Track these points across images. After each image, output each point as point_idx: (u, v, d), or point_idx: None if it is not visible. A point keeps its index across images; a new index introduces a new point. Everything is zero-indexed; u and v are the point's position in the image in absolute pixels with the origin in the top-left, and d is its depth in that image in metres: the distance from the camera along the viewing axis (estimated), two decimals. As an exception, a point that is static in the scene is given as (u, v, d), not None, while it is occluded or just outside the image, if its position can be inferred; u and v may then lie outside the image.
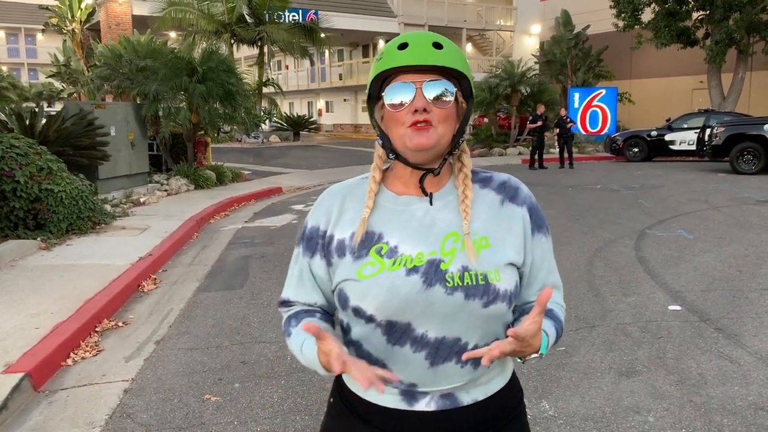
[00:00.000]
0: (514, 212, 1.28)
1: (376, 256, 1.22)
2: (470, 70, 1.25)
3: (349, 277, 1.23)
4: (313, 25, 27.03)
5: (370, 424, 1.27)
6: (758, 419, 3.18)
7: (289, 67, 43.22)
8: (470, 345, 1.21)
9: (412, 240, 1.22)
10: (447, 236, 1.22)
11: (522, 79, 21.43)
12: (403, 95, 1.18)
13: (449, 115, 1.20)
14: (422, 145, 1.18)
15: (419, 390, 1.24)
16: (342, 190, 1.32)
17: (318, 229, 1.30)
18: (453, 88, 1.20)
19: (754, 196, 10.94)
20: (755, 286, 5.52)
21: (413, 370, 1.22)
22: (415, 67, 1.17)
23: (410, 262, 1.20)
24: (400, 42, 1.19)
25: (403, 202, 1.26)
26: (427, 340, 1.20)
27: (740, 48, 20.13)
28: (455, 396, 1.25)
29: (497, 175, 1.33)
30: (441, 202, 1.26)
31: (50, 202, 7.20)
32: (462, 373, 1.23)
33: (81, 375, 3.91)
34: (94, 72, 15.77)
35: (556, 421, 3.21)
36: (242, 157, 20.45)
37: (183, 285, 5.96)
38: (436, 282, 1.18)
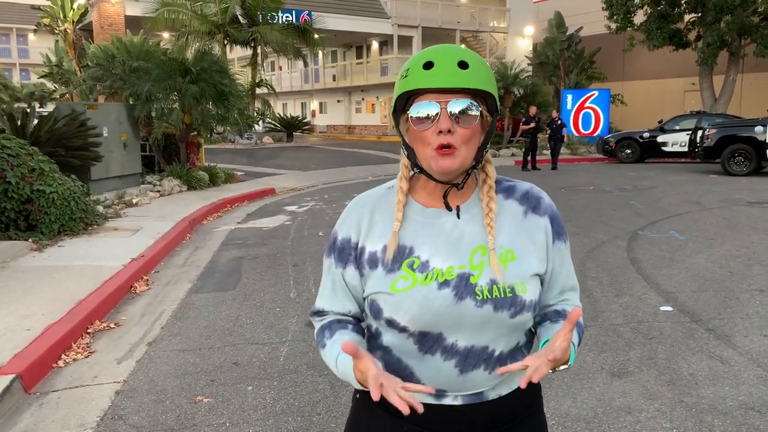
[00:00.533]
0: (537, 223, 1.31)
1: (408, 270, 1.25)
2: (496, 86, 1.25)
3: (382, 290, 1.25)
4: (307, 26, 27.02)
5: (398, 416, 1.29)
6: (749, 419, 3.20)
7: (282, 68, 43.15)
8: (497, 352, 1.26)
9: (443, 254, 1.25)
10: (475, 249, 1.25)
11: (515, 81, 21.50)
12: (428, 113, 1.19)
13: (473, 134, 1.22)
14: (447, 168, 1.21)
15: (448, 394, 1.28)
16: (370, 200, 1.34)
17: (349, 240, 1.32)
18: (478, 108, 1.20)
19: (745, 198, 11.00)
20: (746, 287, 5.55)
21: (443, 377, 1.26)
22: (441, 89, 1.18)
23: (441, 276, 1.23)
24: (426, 60, 1.19)
25: (431, 215, 1.28)
26: (457, 349, 1.24)
27: (732, 50, 20.27)
28: (482, 393, 1.29)
29: (520, 185, 1.36)
30: (468, 215, 1.28)
31: (42, 203, 7.17)
32: (489, 379, 1.27)
33: (72, 377, 3.90)
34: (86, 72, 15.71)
35: (549, 422, 3.21)
36: (235, 158, 20.40)
37: (175, 286, 5.94)
38: (467, 295, 1.22)
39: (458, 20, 35.15)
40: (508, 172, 16.30)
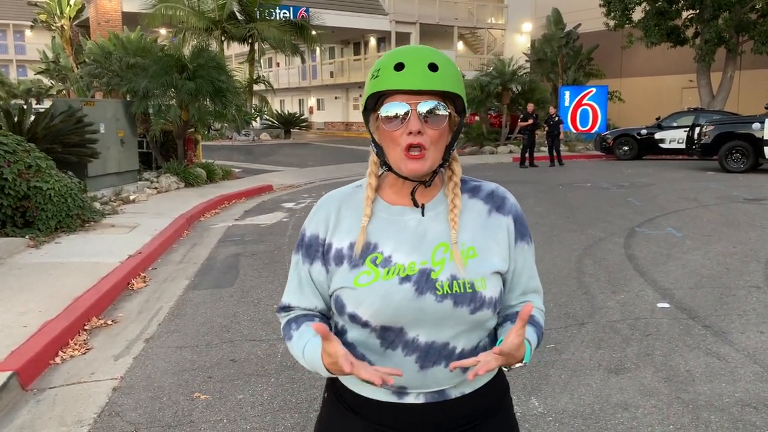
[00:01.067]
0: (500, 222, 1.33)
1: (371, 266, 1.27)
2: (463, 87, 1.27)
3: (346, 285, 1.28)
4: (304, 23, 26.99)
5: (361, 415, 1.33)
6: (745, 415, 3.21)
7: (280, 64, 43.10)
8: (458, 349, 1.27)
9: (405, 249, 1.27)
10: (437, 246, 1.27)
11: (513, 78, 21.47)
12: (398, 114, 1.21)
13: (442, 135, 1.24)
14: (417, 171, 1.24)
15: (408, 391, 1.29)
16: (338, 198, 1.36)
17: (317, 236, 1.35)
18: (446, 110, 1.23)
19: (742, 195, 11.02)
20: (743, 283, 5.56)
21: (404, 373, 1.26)
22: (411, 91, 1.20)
23: (403, 271, 1.25)
24: (397, 61, 1.21)
25: (396, 212, 1.31)
26: (418, 344, 1.26)
27: (729, 47, 20.27)
28: (444, 391, 1.30)
29: (485, 185, 1.38)
30: (432, 212, 1.30)
31: (39, 199, 7.15)
32: (451, 376, 1.28)
33: (69, 373, 3.89)
34: (83, 69, 15.67)
35: (545, 418, 3.22)
36: (233, 154, 20.38)
37: (173, 283, 5.94)
38: (427, 290, 1.24)
39: (456, 17, 35.11)
40: (506, 169, 16.31)
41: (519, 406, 3.35)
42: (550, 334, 4.42)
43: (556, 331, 4.46)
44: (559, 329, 4.51)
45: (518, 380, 3.67)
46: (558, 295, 5.33)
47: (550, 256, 6.65)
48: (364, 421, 1.33)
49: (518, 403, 3.39)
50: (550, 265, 6.30)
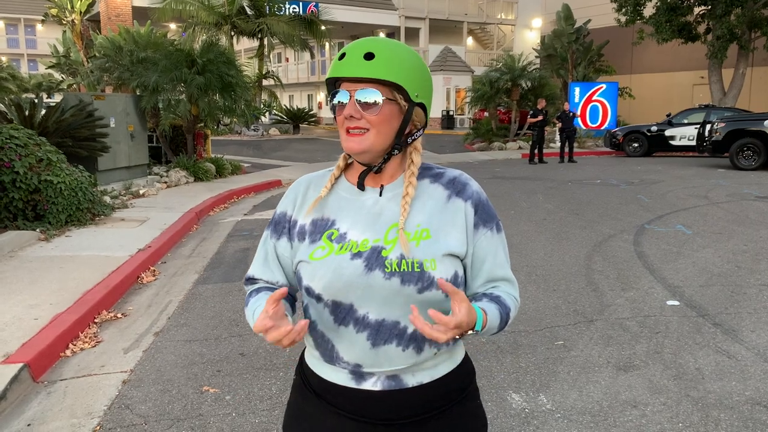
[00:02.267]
0: (458, 206, 1.36)
1: (326, 241, 1.34)
2: (412, 76, 1.30)
3: (303, 258, 1.35)
4: (314, 18, 26.98)
5: (323, 399, 1.39)
6: (755, 414, 3.19)
7: (289, 59, 43.10)
8: (410, 329, 1.30)
9: (360, 227, 1.33)
10: (391, 226, 1.32)
11: (522, 74, 21.39)
12: (341, 101, 1.30)
13: (384, 120, 1.29)
14: (353, 150, 1.30)
15: (365, 371, 1.33)
16: (308, 179, 1.46)
17: (285, 213, 1.43)
18: (381, 97, 1.27)
19: (753, 192, 10.94)
20: (753, 281, 5.53)
21: (357, 351, 1.32)
22: (350, 78, 1.28)
23: (355, 247, 1.31)
24: (342, 52, 1.30)
25: (357, 192, 1.38)
26: (368, 321, 1.30)
27: (741, 43, 20.09)
28: (401, 378, 1.34)
29: (450, 171, 1.42)
30: (391, 193, 1.36)
31: (49, 193, 7.19)
32: (404, 357, 1.31)
33: (80, 366, 3.92)
34: (93, 63, 15.73)
35: (554, 415, 3.22)
36: (242, 149, 20.42)
37: (182, 277, 5.96)
38: (376, 267, 1.29)
39: (466, 12, 35.00)
40: (515, 165, 16.27)
41: (527, 403, 3.34)
42: (559, 331, 4.41)
43: (565, 328, 4.45)
44: (567, 326, 4.50)
45: (527, 377, 3.66)
46: (567, 292, 5.31)
47: (559, 253, 6.63)
48: (324, 405, 1.38)
49: (527, 399, 3.38)
50: (559, 262, 6.28)
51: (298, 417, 1.44)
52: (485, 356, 3.95)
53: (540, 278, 5.71)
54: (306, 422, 1.42)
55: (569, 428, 3.09)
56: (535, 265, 6.16)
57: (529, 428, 3.10)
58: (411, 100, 1.31)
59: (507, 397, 3.41)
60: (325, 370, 1.38)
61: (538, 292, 5.29)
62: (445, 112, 32.51)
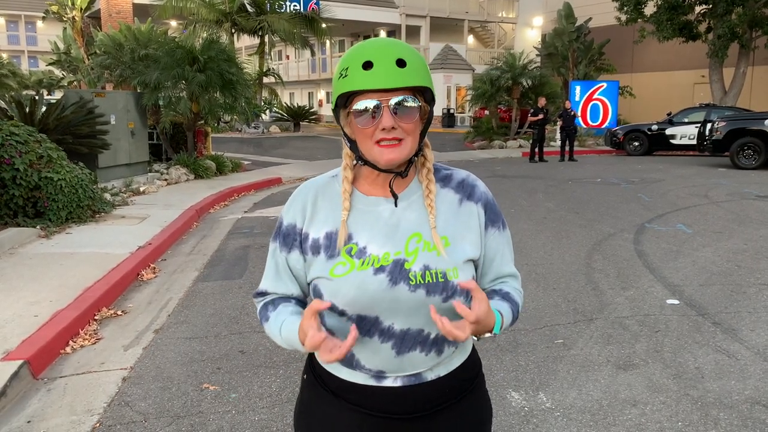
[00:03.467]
0: (471, 210, 1.37)
1: (346, 256, 1.30)
2: (431, 77, 1.29)
3: (322, 275, 1.32)
4: (314, 15, 26.94)
5: (341, 398, 1.38)
6: (754, 413, 3.20)
7: (289, 57, 43.07)
8: (432, 335, 1.32)
9: (379, 240, 1.31)
10: (411, 236, 1.31)
11: (523, 72, 21.36)
12: (371, 112, 1.22)
13: (416, 126, 1.27)
14: (394, 161, 1.26)
15: (387, 375, 1.34)
16: (314, 188, 1.39)
17: (294, 226, 1.37)
18: (417, 103, 1.25)
19: (753, 192, 10.94)
20: (753, 281, 5.53)
21: (381, 359, 1.32)
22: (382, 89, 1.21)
23: (377, 262, 1.29)
24: (364, 59, 1.21)
25: (371, 203, 1.34)
26: (393, 332, 1.30)
27: (742, 42, 20.06)
28: (420, 374, 1.35)
29: (456, 173, 1.41)
30: (405, 202, 1.34)
31: (50, 190, 7.19)
32: (426, 360, 1.34)
33: (80, 363, 3.93)
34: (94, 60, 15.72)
35: (553, 413, 3.22)
36: (242, 147, 20.41)
37: (182, 274, 5.96)
38: (401, 280, 1.28)
39: (466, 10, 34.97)
40: (516, 164, 16.26)
41: (527, 401, 3.35)
42: (559, 329, 4.41)
43: (565, 327, 4.46)
44: (567, 325, 4.50)
45: (526, 375, 3.67)
46: (567, 290, 5.31)
47: (559, 251, 6.63)
48: (342, 403, 1.37)
49: (526, 398, 3.39)
50: (559, 260, 6.28)
51: (312, 416, 1.43)
52: (485, 354, 3.95)
53: (540, 277, 5.72)
54: (321, 419, 1.41)
55: (569, 426, 3.09)
56: (535, 263, 6.16)
57: (529, 426, 3.10)
58: (431, 101, 1.30)
59: (506, 396, 3.42)
60: (342, 371, 1.37)
61: (538, 291, 5.29)
62: (446, 110, 32.48)
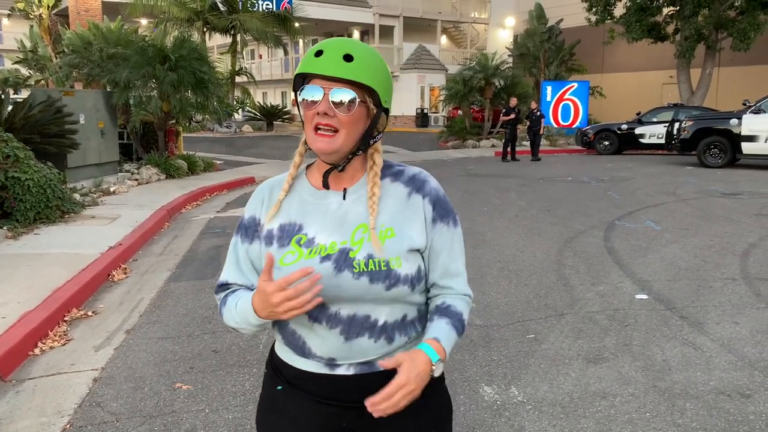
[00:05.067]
0: (417, 203, 1.41)
1: (295, 246, 1.37)
2: (384, 82, 1.34)
3: (273, 265, 1.35)
4: (287, 15, 26.83)
5: (297, 387, 1.42)
6: (719, 403, 3.28)
7: (262, 56, 42.81)
8: (380, 321, 1.36)
9: (327, 230, 1.37)
10: (357, 227, 1.36)
11: (496, 72, 21.55)
12: (313, 97, 1.30)
13: (354, 121, 1.32)
14: (322, 149, 1.32)
15: (338, 363, 1.38)
16: (271, 183, 1.48)
17: (254, 218, 1.45)
18: (356, 98, 1.30)
19: (719, 189, 11.19)
20: (719, 275, 5.66)
21: (330, 345, 1.36)
22: (326, 76, 1.29)
23: (324, 250, 1.35)
24: (318, 48, 1.30)
25: (320, 196, 1.41)
26: (340, 317, 1.35)
27: (708, 44, 20.50)
28: (372, 362, 1.39)
29: (409, 169, 1.46)
30: (354, 195, 1.40)
31: (17, 190, 7.06)
32: (376, 347, 1.37)
33: (49, 364, 3.87)
34: (62, 59, 15.45)
35: (525, 407, 3.27)
36: (214, 146, 20.24)
37: (154, 274, 5.90)
38: (345, 268, 1.33)
39: (439, 10, 35.12)
40: (488, 163, 16.38)
41: (499, 395, 3.39)
42: (530, 324, 4.47)
43: (536, 322, 4.52)
44: (539, 320, 4.56)
45: (498, 369, 3.71)
46: (538, 286, 5.38)
47: (531, 248, 6.71)
48: (298, 392, 1.41)
49: (499, 392, 3.43)
50: (531, 257, 6.35)
51: (272, 408, 1.47)
52: (458, 350, 3.99)
53: (512, 273, 5.78)
54: (279, 411, 1.45)
55: (540, 419, 3.14)
56: (507, 260, 6.23)
57: (501, 420, 3.14)
58: (380, 105, 1.34)
59: (479, 390, 3.45)
60: (298, 362, 1.41)
61: (510, 287, 5.35)
62: (420, 110, 32.61)
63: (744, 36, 19.41)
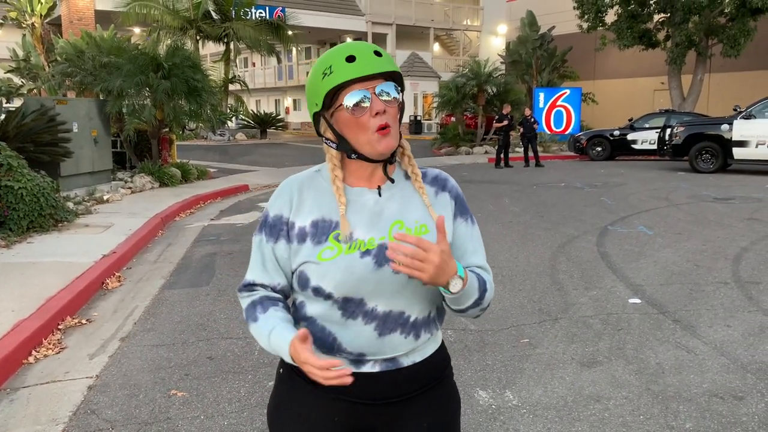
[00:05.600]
0: (445, 200, 1.48)
1: (334, 242, 1.37)
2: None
3: (310, 260, 1.37)
4: (280, 23, 26.87)
5: (318, 386, 1.38)
6: (712, 405, 3.30)
7: (255, 64, 42.86)
8: (412, 318, 1.40)
9: (365, 227, 1.38)
10: (393, 223, 1.39)
11: (488, 79, 21.64)
12: (363, 102, 1.32)
13: (397, 112, 1.38)
14: (390, 148, 1.36)
15: (367, 358, 1.40)
16: (299, 181, 1.47)
17: (281, 216, 1.43)
18: (398, 88, 1.36)
19: (711, 194, 11.26)
20: (711, 279, 5.70)
21: (363, 341, 1.38)
22: (367, 76, 1.32)
23: (363, 246, 1.36)
24: (347, 54, 1.32)
25: (356, 193, 1.42)
26: (377, 314, 1.37)
27: (699, 50, 20.66)
28: (397, 359, 1.42)
29: (431, 171, 1.53)
30: (388, 193, 1.43)
31: (10, 199, 7.04)
32: (405, 343, 1.41)
33: (43, 373, 3.86)
34: (55, 68, 15.44)
35: (520, 410, 3.28)
36: (208, 154, 20.24)
37: (148, 282, 5.90)
38: (386, 262, 1.35)
39: (432, 18, 35.26)
40: (482, 170, 16.44)
41: (494, 399, 3.40)
42: (525, 329, 4.49)
43: (531, 327, 4.53)
44: (533, 324, 4.58)
45: (493, 374, 3.72)
46: (532, 291, 5.41)
47: (525, 253, 6.74)
48: (320, 392, 1.40)
49: (494, 396, 3.44)
50: (525, 262, 6.38)
51: (289, 407, 1.46)
52: (453, 354, 3.98)
53: (506, 278, 5.80)
54: (296, 410, 1.45)
55: (535, 423, 3.16)
56: (501, 265, 6.25)
57: (496, 424, 3.15)
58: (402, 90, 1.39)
59: (474, 394, 3.47)
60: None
61: (504, 292, 5.37)
62: (413, 117, 32.68)
63: (734, 42, 19.58)
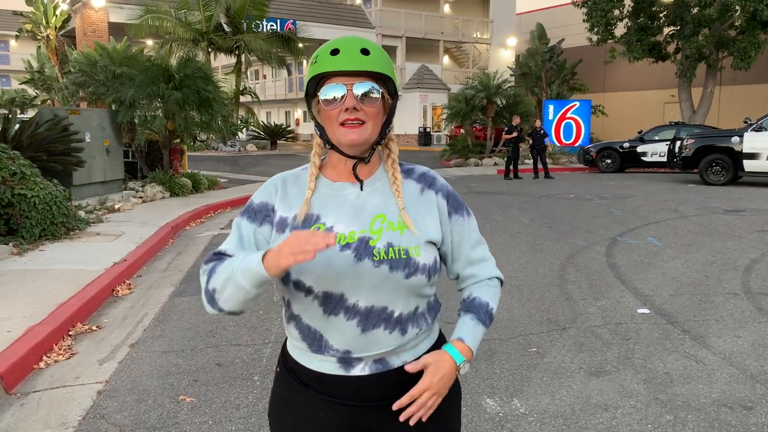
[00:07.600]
0: (431, 198, 1.47)
1: None
2: (394, 71, 1.41)
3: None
4: (291, 35, 27.07)
5: (311, 388, 1.43)
6: (721, 415, 3.29)
7: (266, 76, 43.18)
8: (396, 313, 1.38)
9: (346, 220, 1.39)
10: (375, 217, 1.39)
11: (497, 91, 21.68)
12: (336, 95, 1.33)
13: (377, 112, 1.37)
14: (354, 141, 1.35)
15: (354, 356, 1.39)
16: (282, 176, 1.50)
17: (266, 203, 1.45)
18: (379, 89, 1.36)
19: (721, 206, 11.21)
20: (721, 290, 5.67)
21: (347, 337, 1.37)
22: (346, 71, 1.33)
23: (344, 239, 1.36)
24: (333, 47, 1.34)
25: (337, 188, 1.43)
26: (358, 309, 1.36)
27: (709, 63, 20.65)
28: (386, 360, 1.41)
29: (418, 168, 1.52)
30: (370, 187, 1.43)
31: (23, 207, 7.12)
32: (391, 339, 1.39)
33: (54, 377, 3.89)
34: (68, 79, 15.63)
35: (527, 419, 3.28)
36: (218, 165, 20.37)
37: (158, 290, 5.94)
38: (366, 256, 1.35)
39: (442, 31, 35.44)
40: (491, 181, 16.45)
41: (501, 407, 3.40)
42: (533, 338, 4.48)
43: (539, 336, 4.53)
44: (541, 334, 4.57)
45: (500, 382, 3.72)
46: (541, 301, 5.40)
47: (534, 264, 6.74)
48: (313, 393, 1.42)
49: (501, 404, 3.44)
50: (533, 272, 6.37)
51: (285, 407, 1.48)
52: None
53: (515, 288, 5.80)
54: (294, 412, 1.46)
55: (542, 431, 3.15)
56: (510, 275, 6.25)
57: (503, 431, 3.15)
58: (394, 94, 1.41)
59: (481, 402, 3.47)
60: (313, 362, 1.42)
61: (513, 302, 5.37)
62: (422, 129, 32.78)
63: (744, 55, 19.56)
